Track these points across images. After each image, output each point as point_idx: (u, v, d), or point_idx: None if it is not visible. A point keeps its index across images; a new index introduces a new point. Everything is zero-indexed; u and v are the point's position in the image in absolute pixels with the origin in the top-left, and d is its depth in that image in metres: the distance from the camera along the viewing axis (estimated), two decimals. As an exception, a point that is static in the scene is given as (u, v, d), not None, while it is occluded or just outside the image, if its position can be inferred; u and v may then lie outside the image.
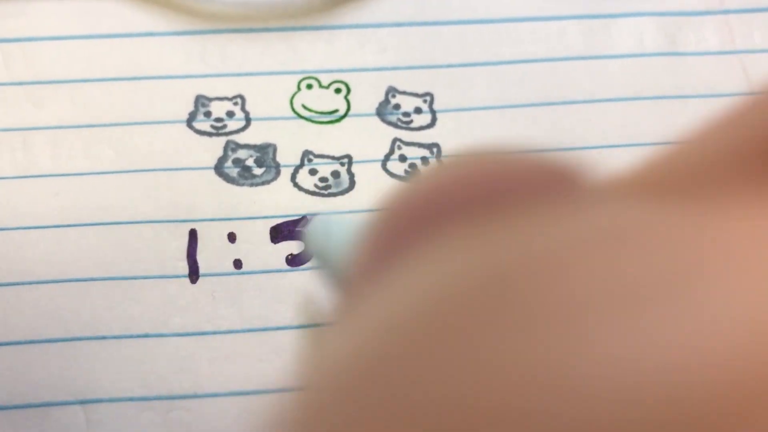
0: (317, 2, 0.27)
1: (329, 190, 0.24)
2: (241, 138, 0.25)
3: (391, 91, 0.26)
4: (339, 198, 0.24)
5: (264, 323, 0.22)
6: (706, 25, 0.27)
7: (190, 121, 0.25)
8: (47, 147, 0.24)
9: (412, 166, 0.24)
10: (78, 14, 0.26)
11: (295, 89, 0.25)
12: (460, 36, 0.27)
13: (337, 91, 0.26)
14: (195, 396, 0.21)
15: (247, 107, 0.25)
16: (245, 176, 0.24)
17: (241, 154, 0.24)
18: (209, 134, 0.25)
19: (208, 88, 0.25)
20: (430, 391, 0.06)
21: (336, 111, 0.25)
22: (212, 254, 0.23)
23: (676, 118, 0.26)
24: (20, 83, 0.25)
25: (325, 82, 0.26)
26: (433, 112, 0.25)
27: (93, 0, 0.26)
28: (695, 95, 0.26)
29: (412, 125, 0.25)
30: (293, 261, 0.23)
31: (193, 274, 0.23)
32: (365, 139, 0.25)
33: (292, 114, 0.25)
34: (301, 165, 0.24)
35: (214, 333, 0.22)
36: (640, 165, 0.09)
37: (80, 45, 0.26)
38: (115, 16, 0.26)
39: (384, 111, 0.25)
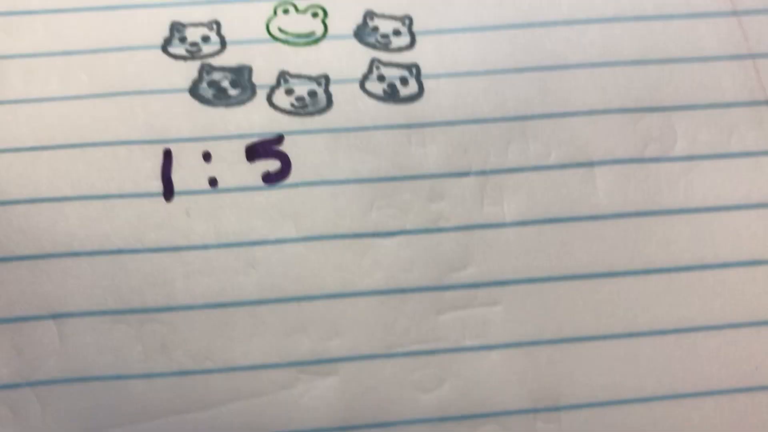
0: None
1: (306, 110, 0.24)
2: (216, 61, 0.24)
3: (369, 14, 0.25)
4: (316, 117, 0.24)
5: (239, 238, 0.22)
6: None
7: (164, 47, 0.24)
8: (21, 73, 0.24)
9: (391, 86, 0.24)
10: (53, -53, 0.26)
11: (272, 14, 0.25)
12: (439, -38, 0.26)
13: (314, 15, 0.25)
14: (169, 308, 0.21)
15: (223, 32, 0.25)
16: (220, 97, 0.24)
17: (216, 76, 0.24)
18: (184, 58, 0.24)
19: (184, 15, 0.25)
20: None
21: (312, 33, 0.25)
22: (187, 173, 0.23)
23: (658, 37, 0.25)
24: (-5, 14, 0.25)
25: (301, 7, 0.25)
26: (412, 34, 0.25)
27: (67, -69, 0.26)
28: (677, 15, 0.26)
29: (391, 46, 0.25)
30: (269, 178, 0.23)
31: (168, 193, 0.22)
32: (343, 59, 0.24)
33: (268, 37, 0.25)
34: (277, 85, 0.24)
35: (189, 248, 0.22)
36: None
37: (55, -23, 0.26)
38: (90, -51, 0.26)
39: (362, 33, 0.25)
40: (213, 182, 0.23)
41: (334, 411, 0.20)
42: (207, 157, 0.23)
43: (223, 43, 0.25)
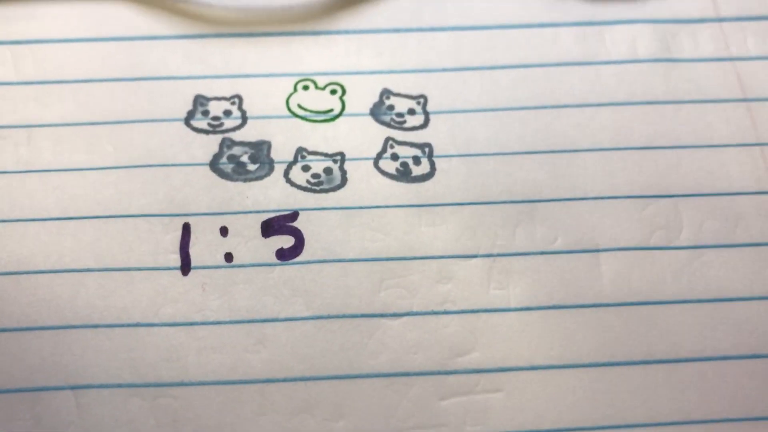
0: (316, 8, 0.28)
1: (321, 186, 0.24)
2: (236, 135, 0.25)
3: (386, 92, 0.26)
4: (331, 194, 0.24)
5: (251, 315, 0.23)
6: (700, 32, 0.28)
7: (188, 120, 0.25)
8: (50, 143, 0.25)
9: (404, 164, 0.25)
10: (84, 18, 0.27)
11: (292, 90, 0.26)
12: (456, 41, 0.27)
13: (333, 92, 0.26)
14: (182, 384, 0.22)
15: (244, 106, 0.26)
16: (239, 172, 0.25)
17: (236, 150, 0.25)
18: (206, 132, 0.25)
19: (207, 89, 0.26)
20: None
21: (331, 110, 0.26)
22: (204, 247, 0.23)
23: (668, 122, 0.26)
24: (28, 83, 0.26)
25: (321, 84, 0.26)
26: (426, 114, 0.26)
27: (99, 4, 0.27)
28: (688, 100, 0.26)
29: (405, 125, 0.26)
30: (283, 255, 0.23)
31: (185, 267, 0.23)
32: (358, 137, 0.25)
33: (287, 113, 0.26)
34: (295, 161, 0.25)
35: (203, 323, 0.22)
36: None
37: (85, 47, 0.27)
38: (120, 20, 0.27)
39: (378, 111, 0.26)
40: (229, 257, 0.23)
41: (336, 493, 0.21)
42: (224, 231, 0.24)
43: (244, 118, 0.26)
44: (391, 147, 0.25)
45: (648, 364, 0.22)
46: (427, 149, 0.25)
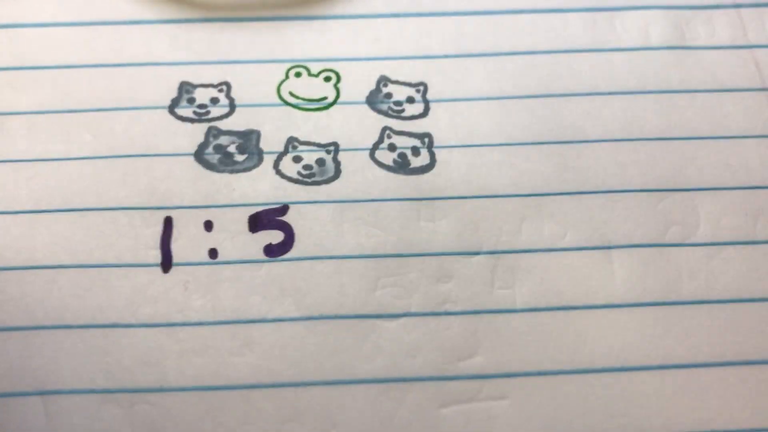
0: (310, -8, 0.26)
1: (313, 178, 0.23)
2: (223, 124, 0.24)
3: (383, 80, 0.25)
4: (323, 186, 0.23)
5: (237, 316, 0.21)
6: (716, 18, 0.26)
7: (172, 108, 0.24)
8: (24, 131, 0.23)
9: (402, 155, 0.23)
10: (64, 1, 0.26)
11: (283, 77, 0.25)
12: (457, 26, 0.26)
13: (327, 79, 0.25)
14: (161, 390, 0.20)
15: (233, 94, 0.24)
16: (226, 163, 0.23)
17: (223, 140, 0.23)
18: (191, 120, 0.24)
19: (193, 75, 0.25)
20: None
21: (324, 98, 0.24)
22: (187, 243, 0.22)
23: (683, 112, 0.24)
24: (2, 68, 0.25)
25: (314, 71, 0.25)
26: (426, 102, 0.24)
27: (80, -15, 0.26)
28: (704, 89, 0.25)
29: (404, 114, 0.24)
30: (271, 251, 0.22)
31: (166, 263, 0.22)
32: (354, 126, 0.24)
33: (278, 101, 0.24)
34: (285, 152, 0.23)
35: (184, 324, 0.21)
36: None
37: (65, 31, 0.25)
38: (103, 3, 0.26)
39: (374, 99, 0.24)
40: (213, 253, 0.22)
41: None
42: (208, 226, 0.22)
43: (232, 106, 0.24)
44: (389, 137, 0.24)
45: (664, 369, 0.21)
46: (426, 139, 0.24)
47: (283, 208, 0.22)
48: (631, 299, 0.22)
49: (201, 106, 0.24)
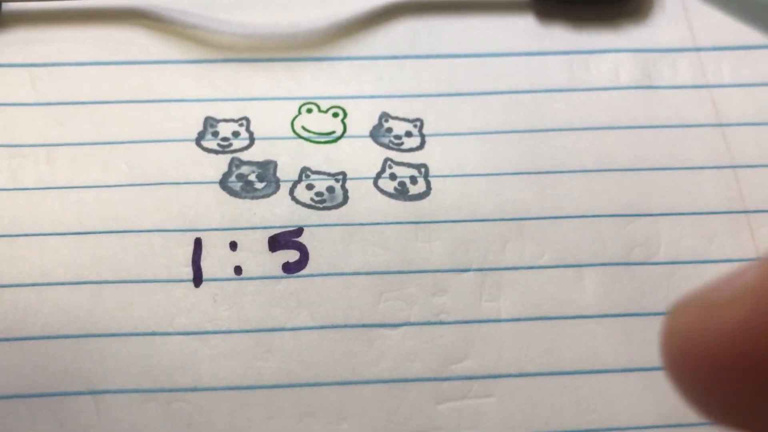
0: (319, 36, 0.29)
1: (324, 204, 0.26)
2: (244, 155, 0.27)
3: (384, 116, 0.28)
4: (333, 211, 0.26)
5: (260, 325, 0.24)
6: (679, 61, 0.30)
7: (198, 140, 0.27)
8: (67, 161, 0.27)
9: (402, 184, 0.27)
10: (100, 42, 0.29)
11: (296, 113, 0.28)
12: (450, 68, 0.29)
13: (335, 115, 0.28)
14: (195, 389, 0.23)
15: (252, 128, 0.27)
16: (247, 190, 0.26)
17: (245, 170, 0.27)
18: (216, 152, 0.27)
19: (217, 111, 0.28)
20: None
21: (333, 132, 0.27)
22: (215, 261, 0.25)
23: (648, 146, 0.28)
24: (46, 104, 0.28)
25: (323, 107, 0.28)
26: (422, 136, 0.28)
27: (114, 29, 0.29)
28: (667, 125, 0.28)
29: (403, 147, 0.27)
30: (289, 268, 0.25)
31: (197, 279, 0.25)
32: (359, 158, 0.27)
33: (292, 134, 0.27)
34: (299, 180, 0.26)
35: (215, 332, 0.24)
36: None
37: (101, 70, 0.28)
38: (134, 45, 0.29)
39: (377, 133, 0.28)
40: (238, 270, 0.25)
41: (339, 491, 0.23)
42: (233, 246, 0.25)
43: (252, 139, 0.27)
44: (390, 167, 0.27)
45: (629, 371, 0.24)
46: (423, 169, 0.27)
47: (299, 231, 0.26)
48: (600, 311, 0.25)
49: (224, 139, 0.27)
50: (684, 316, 0.10)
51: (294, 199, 0.26)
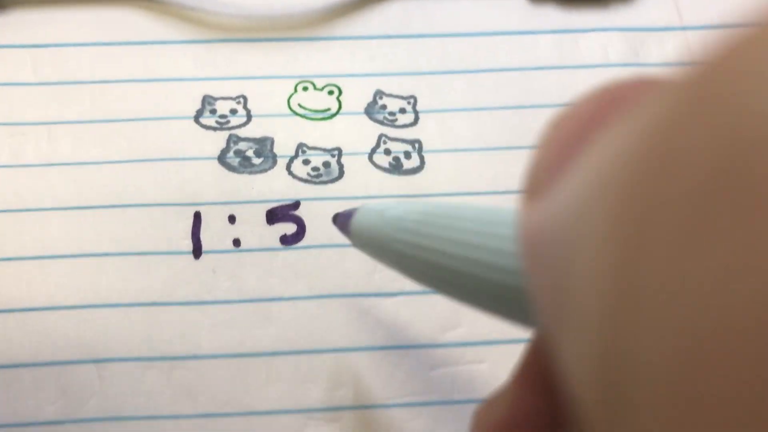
0: (315, 16, 0.30)
1: (320, 179, 0.27)
2: (242, 132, 0.27)
3: (379, 93, 0.28)
4: (329, 185, 0.27)
5: (258, 295, 0.25)
6: (666, 39, 0.30)
7: (197, 118, 0.28)
8: (68, 139, 0.27)
9: (396, 159, 0.27)
10: (100, 23, 0.29)
11: (293, 91, 0.28)
12: (442, 47, 0.30)
13: (330, 92, 0.28)
14: (195, 357, 0.24)
15: (249, 106, 0.28)
16: (245, 165, 0.27)
17: (242, 146, 0.27)
18: (214, 129, 0.27)
19: (215, 89, 0.28)
20: None
21: (328, 110, 0.28)
22: (214, 234, 0.26)
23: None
24: (47, 83, 0.28)
25: (319, 85, 0.29)
26: (416, 113, 0.28)
27: (114, 11, 0.29)
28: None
29: (397, 123, 0.28)
30: (286, 240, 0.26)
31: (197, 251, 0.25)
32: (354, 134, 0.28)
33: (288, 112, 0.28)
34: (296, 156, 0.27)
35: (214, 303, 0.25)
36: None
37: (101, 50, 0.29)
38: (134, 26, 0.29)
39: (372, 110, 0.28)
40: (237, 243, 0.26)
41: (337, 453, 0.23)
42: (232, 219, 0.26)
43: (249, 116, 0.28)
44: (384, 143, 0.28)
45: None
46: (417, 145, 0.28)
47: (296, 204, 0.26)
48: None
49: (222, 116, 0.28)
50: (478, 410, 0.14)
51: (291, 173, 0.27)
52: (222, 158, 0.27)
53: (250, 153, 0.27)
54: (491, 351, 0.24)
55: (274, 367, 0.24)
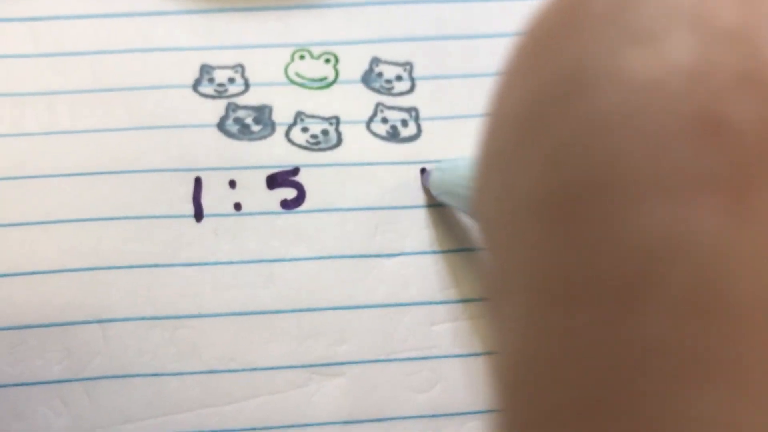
0: (310, -13, 0.30)
1: (319, 146, 0.27)
2: (240, 100, 0.28)
3: (375, 61, 0.29)
4: (328, 152, 0.27)
5: (260, 256, 0.25)
6: None
7: (195, 86, 0.28)
8: (67, 108, 0.27)
9: (393, 127, 0.28)
10: (97, -5, 0.29)
11: (289, 60, 0.29)
12: (438, 13, 0.30)
13: (327, 61, 0.29)
14: (199, 316, 0.24)
15: (247, 74, 0.28)
16: (244, 132, 0.27)
17: (241, 113, 0.27)
18: (212, 97, 0.28)
19: (212, 58, 0.28)
20: None
21: (325, 78, 0.28)
22: (215, 198, 0.26)
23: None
24: (46, 55, 0.28)
25: (316, 54, 0.29)
26: (412, 80, 0.29)
27: (111, -18, 0.30)
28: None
29: (393, 91, 0.28)
30: (287, 205, 0.26)
31: (198, 215, 0.26)
32: (351, 102, 0.28)
33: (286, 80, 0.28)
34: (294, 123, 0.27)
35: (216, 264, 0.25)
36: None
37: (99, 22, 0.29)
38: (131, -2, 0.30)
39: (368, 78, 0.28)
40: (238, 207, 0.26)
41: (340, 407, 0.23)
42: (232, 184, 0.26)
43: (247, 85, 0.28)
44: (381, 111, 0.28)
45: None
46: (413, 112, 0.28)
47: (295, 170, 0.27)
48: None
49: (220, 85, 0.28)
50: None
51: (290, 141, 0.27)
52: (221, 125, 0.27)
53: (249, 120, 0.27)
54: (490, 308, 0.25)
55: (276, 324, 0.24)
